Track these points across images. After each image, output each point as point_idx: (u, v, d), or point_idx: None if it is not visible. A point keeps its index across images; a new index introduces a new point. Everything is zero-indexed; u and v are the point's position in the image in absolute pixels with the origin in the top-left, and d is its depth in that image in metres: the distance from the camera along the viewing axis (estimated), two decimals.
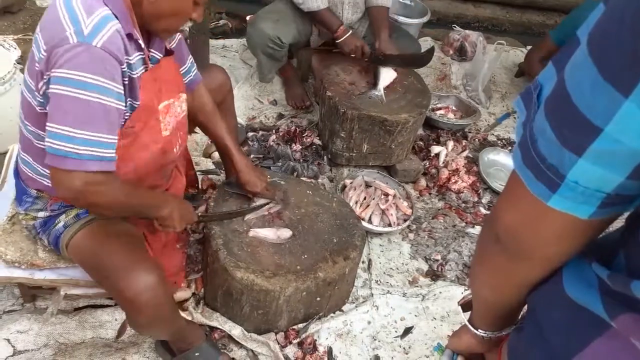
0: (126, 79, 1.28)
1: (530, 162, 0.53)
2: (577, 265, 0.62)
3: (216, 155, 2.38)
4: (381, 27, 2.57)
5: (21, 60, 2.70)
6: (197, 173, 2.28)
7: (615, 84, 0.43)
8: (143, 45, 1.32)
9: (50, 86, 1.17)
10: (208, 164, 2.41)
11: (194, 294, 1.88)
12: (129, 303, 1.34)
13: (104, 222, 1.46)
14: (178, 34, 1.56)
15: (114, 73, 1.21)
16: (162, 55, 1.45)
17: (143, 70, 1.35)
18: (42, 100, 1.25)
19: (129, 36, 1.26)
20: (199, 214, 1.72)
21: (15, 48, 2.29)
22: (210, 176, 2.32)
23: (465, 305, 0.93)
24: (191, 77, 1.68)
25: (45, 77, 1.21)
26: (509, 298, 0.73)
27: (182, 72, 1.62)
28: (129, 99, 1.31)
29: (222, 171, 2.25)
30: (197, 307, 1.85)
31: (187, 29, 2.41)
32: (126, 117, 1.32)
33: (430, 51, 2.64)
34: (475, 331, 0.85)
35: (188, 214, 1.55)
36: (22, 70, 2.62)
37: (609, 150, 0.46)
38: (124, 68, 1.25)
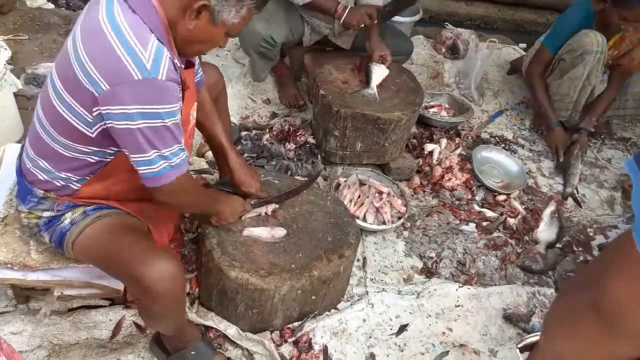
0: None
1: None
2: None
3: (209, 154, 2.37)
4: (372, 27, 2.58)
5: (12, 61, 2.68)
6: (191, 173, 2.28)
7: None
8: (179, 65, 1.34)
9: (125, 121, 1.22)
10: (202, 164, 2.41)
11: (188, 293, 1.88)
12: (147, 291, 1.34)
13: (113, 217, 1.48)
14: None
15: (177, 95, 1.30)
16: (184, 68, 1.46)
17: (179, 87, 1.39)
18: (89, 122, 1.28)
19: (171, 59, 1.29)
20: (252, 202, 1.84)
21: (5, 49, 2.28)
22: (203, 175, 2.31)
23: (525, 348, 0.88)
24: (198, 78, 1.69)
25: (104, 108, 1.23)
26: None
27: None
28: None
29: (215, 170, 2.25)
30: (192, 306, 1.85)
31: None
32: None
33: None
34: None
35: (239, 207, 1.76)
36: (12, 71, 2.61)
37: None
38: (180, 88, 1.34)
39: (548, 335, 0.72)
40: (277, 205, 1.91)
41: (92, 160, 1.39)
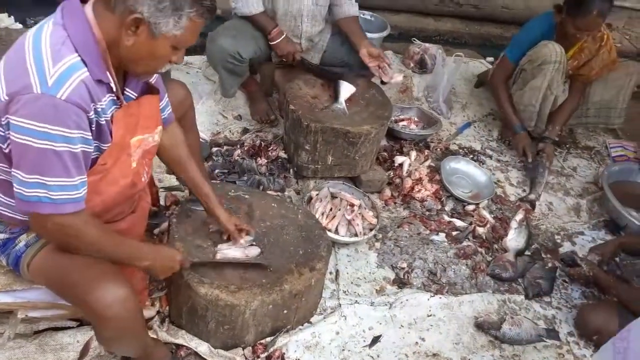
0: (93, 125, 1.27)
1: None
2: None
3: None
4: (358, 36, 2.62)
5: None
6: (160, 190, 2.26)
7: None
8: (115, 88, 1.31)
9: (14, 134, 1.17)
10: (172, 181, 2.39)
11: (158, 312, 1.86)
12: (97, 316, 1.32)
13: None
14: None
15: (79, 121, 1.21)
16: (136, 95, 1.43)
17: (114, 109, 1.33)
18: (1, 135, 1.24)
19: (99, 81, 1.25)
20: (193, 260, 1.67)
21: None
22: (173, 192, 2.30)
23: None
24: (164, 116, 1.64)
25: (4, 119, 1.20)
26: None
27: None
28: (95, 143, 1.31)
29: (185, 188, 2.24)
30: (162, 325, 1.82)
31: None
32: (93, 156, 1.32)
33: (357, 75, 2.67)
34: None
35: (171, 264, 1.54)
36: None
37: None
38: (90, 116, 1.25)
39: None
40: (251, 238, 1.84)
41: None
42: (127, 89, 1.39)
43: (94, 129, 1.27)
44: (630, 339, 1.42)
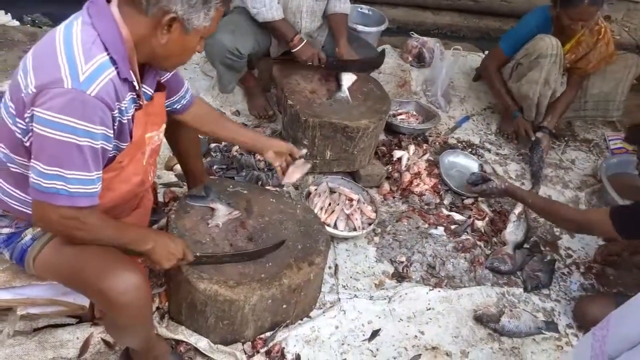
0: (116, 123, 1.30)
1: None
2: None
3: (178, 167, 2.36)
4: (340, 34, 2.63)
5: None
6: (159, 186, 2.26)
7: None
8: (137, 87, 1.33)
9: (38, 126, 1.18)
10: (170, 177, 2.39)
11: (158, 308, 1.86)
12: (112, 303, 1.33)
13: None
14: None
15: (104, 118, 1.23)
16: (152, 91, 1.46)
17: (134, 109, 1.36)
18: (24, 128, 1.25)
19: (124, 80, 1.28)
20: (198, 254, 1.61)
21: None
22: (172, 188, 2.30)
23: None
24: (188, 99, 1.71)
25: (29, 111, 1.21)
26: None
27: (178, 98, 1.67)
28: (114, 141, 1.33)
29: (184, 183, 2.24)
30: (162, 321, 1.83)
31: None
32: (110, 155, 1.34)
33: (382, 54, 2.76)
34: None
35: (175, 250, 1.50)
36: None
37: None
38: (115, 114, 1.27)
39: None
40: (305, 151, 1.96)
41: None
42: (144, 86, 1.41)
43: (116, 127, 1.30)
44: (610, 326, 1.44)
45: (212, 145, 2.63)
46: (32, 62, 1.22)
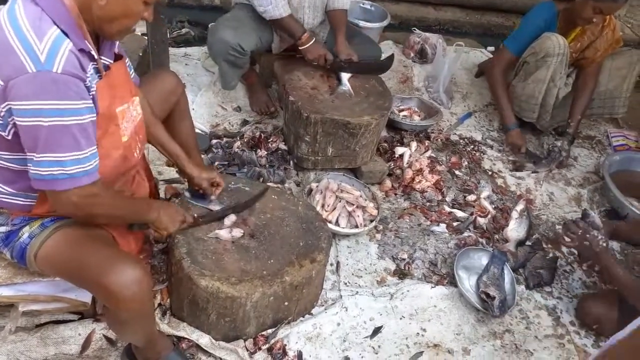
0: (90, 93, 1.28)
1: None
2: None
3: None
4: (339, 30, 2.62)
5: None
6: (161, 182, 2.26)
7: None
8: (96, 56, 1.32)
9: (21, 118, 1.18)
10: (171, 173, 2.38)
11: (159, 304, 1.86)
12: (114, 297, 1.33)
13: (73, 227, 1.45)
14: None
15: (79, 92, 1.22)
16: (111, 61, 1.43)
17: (97, 79, 1.34)
18: (1, 123, 1.24)
19: (81, 50, 1.25)
20: (196, 215, 1.74)
21: None
22: (174, 185, 2.29)
23: None
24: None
25: (3, 105, 1.20)
26: None
27: None
28: None
29: (185, 180, 2.23)
30: (164, 317, 1.83)
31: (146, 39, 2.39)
32: None
33: (390, 58, 2.73)
34: None
35: (177, 215, 1.63)
36: None
37: None
38: (86, 84, 1.26)
39: None
40: (234, 217, 1.88)
41: (17, 168, 1.34)
42: (102, 57, 1.38)
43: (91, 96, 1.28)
44: None
45: (214, 141, 2.62)
46: None
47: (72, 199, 1.27)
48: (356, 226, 2.28)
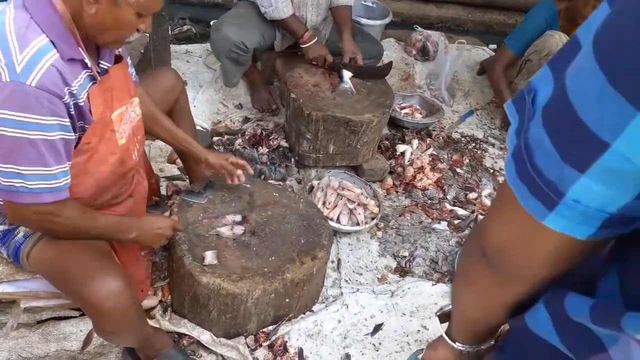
0: (72, 109, 1.24)
1: (524, 175, 0.47)
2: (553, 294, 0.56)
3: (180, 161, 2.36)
4: (344, 27, 2.62)
5: None
6: (162, 179, 2.26)
7: (627, 94, 0.37)
8: (89, 64, 1.28)
9: None
10: (173, 170, 2.39)
11: (160, 301, 1.86)
12: (94, 309, 1.32)
13: None
14: None
15: (53, 108, 1.17)
16: (111, 64, 1.40)
17: (90, 86, 1.30)
18: None
19: (71, 60, 1.22)
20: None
21: None
22: (175, 182, 2.29)
23: (443, 316, 0.87)
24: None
25: None
26: (492, 316, 0.67)
27: None
28: (79, 123, 1.28)
29: (187, 177, 2.23)
30: (165, 314, 1.83)
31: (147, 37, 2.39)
32: (77, 139, 1.30)
33: (389, 65, 2.72)
34: (453, 344, 0.78)
35: (162, 230, 1.53)
36: None
37: (616, 168, 0.40)
38: (66, 100, 1.21)
39: (454, 290, 0.74)
40: (239, 218, 1.88)
41: None
42: (101, 62, 1.36)
43: (73, 113, 1.24)
44: None
45: (215, 138, 2.62)
46: None
47: (25, 214, 1.24)
48: (357, 224, 2.28)
